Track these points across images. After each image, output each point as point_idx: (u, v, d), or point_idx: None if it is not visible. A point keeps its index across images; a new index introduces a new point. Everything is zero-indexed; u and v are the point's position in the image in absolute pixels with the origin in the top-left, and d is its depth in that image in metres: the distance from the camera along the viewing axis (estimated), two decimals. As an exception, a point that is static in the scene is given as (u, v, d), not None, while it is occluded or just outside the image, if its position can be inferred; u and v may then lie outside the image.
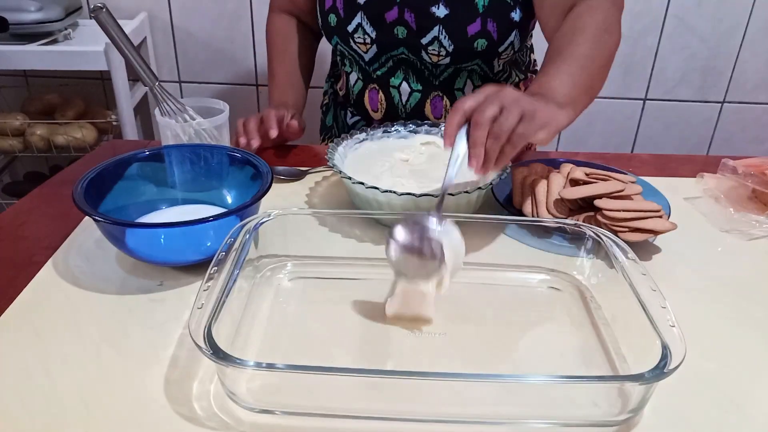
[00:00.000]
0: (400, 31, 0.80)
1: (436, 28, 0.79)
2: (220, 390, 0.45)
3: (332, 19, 0.83)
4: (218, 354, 0.40)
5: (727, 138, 1.64)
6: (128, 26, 1.38)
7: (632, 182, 0.67)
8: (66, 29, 1.35)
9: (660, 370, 0.40)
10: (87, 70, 1.33)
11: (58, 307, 0.54)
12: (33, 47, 1.28)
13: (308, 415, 0.43)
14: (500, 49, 0.81)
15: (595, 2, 0.70)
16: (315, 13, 0.89)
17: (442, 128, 0.77)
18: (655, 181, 0.73)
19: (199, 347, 0.41)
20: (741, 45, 1.53)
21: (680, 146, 1.65)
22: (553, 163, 0.74)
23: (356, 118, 0.95)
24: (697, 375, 0.47)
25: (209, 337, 0.41)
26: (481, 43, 0.79)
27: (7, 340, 0.50)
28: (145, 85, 0.72)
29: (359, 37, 0.83)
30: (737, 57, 1.54)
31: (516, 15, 0.79)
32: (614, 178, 0.66)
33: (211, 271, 0.48)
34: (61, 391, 0.45)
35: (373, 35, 0.82)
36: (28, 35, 1.30)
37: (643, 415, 0.44)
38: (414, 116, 0.86)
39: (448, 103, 0.86)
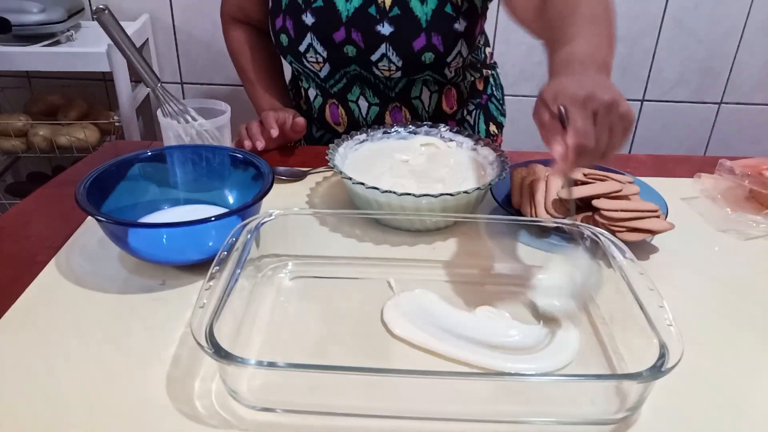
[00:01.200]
0: (350, 50, 0.82)
1: (383, 46, 0.80)
2: (221, 388, 0.45)
3: (284, 39, 0.84)
4: (220, 353, 0.40)
5: (724, 139, 1.65)
6: (130, 28, 1.39)
7: (630, 182, 0.67)
8: (68, 31, 1.36)
9: (657, 369, 0.40)
10: (89, 71, 1.33)
11: (60, 307, 0.54)
12: (36, 48, 1.29)
13: (309, 413, 0.44)
14: (448, 59, 0.82)
15: None
16: (266, 20, 0.89)
17: (442, 129, 0.78)
18: (653, 182, 0.73)
19: (201, 346, 0.41)
20: (738, 46, 1.53)
21: (677, 147, 1.65)
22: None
23: (321, 131, 0.96)
24: (694, 374, 0.48)
25: (211, 336, 0.42)
26: (428, 57, 0.80)
27: (10, 339, 0.50)
28: (147, 87, 0.72)
29: (311, 57, 0.84)
30: (734, 58, 1.54)
31: (459, 25, 0.80)
32: (612, 179, 0.66)
33: (213, 271, 0.48)
34: (64, 389, 0.45)
35: (324, 54, 0.83)
36: (30, 36, 1.31)
37: (641, 414, 0.44)
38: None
39: (407, 113, 0.88)
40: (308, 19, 0.81)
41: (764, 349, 0.52)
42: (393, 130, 0.78)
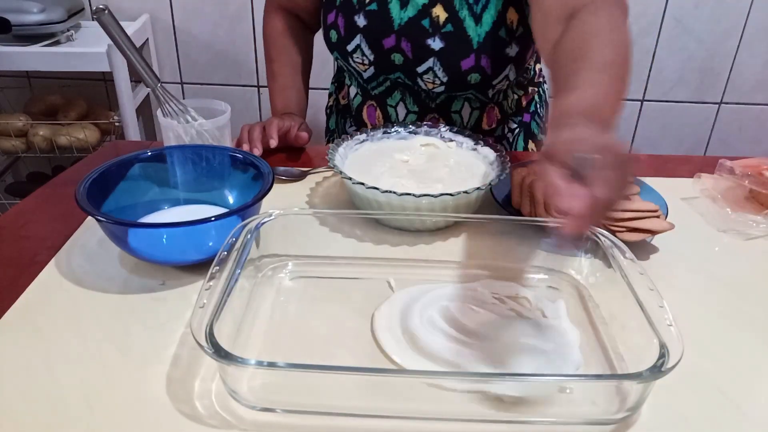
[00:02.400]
0: (397, 58, 0.81)
1: (431, 60, 0.79)
2: (221, 388, 0.45)
3: (333, 35, 0.84)
4: (220, 353, 0.40)
5: (724, 139, 1.65)
6: (130, 28, 1.39)
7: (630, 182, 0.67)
8: (68, 30, 1.36)
9: (657, 369, 0.40)
10: (89, 71, 1.33)
11: (60, 307, 0.54)
12: (36, 48, 1.29)
13: (309, 413, 0.44)
14: (494, 82, 0.81)
15: (595, 6, 0.64)
16: (315, 14, 0.89)
17: (442, 129, 0.78)
18: (653, 182, 0.73)
19: (201, 346, 0.41)
20: (738, 46, 1.53)
21: (678, 147, 1.65)
22: (552, 164, 0.74)
23: (354, 127, 0.96)
24: (694, 374, 0.48)
25: (211, 336, 0.41)
26: (474, 77, 0.79)
27: (10, 339, 0.50)
28: (147, 87, 0.72)
29: (358, 58, 0.83)
30: (734, 58, 1.55)
31: (511, 50, 0.79)
32: (613, 179, 0.66)
33: (213, 271, 0.48)
34: (64, 390, 0.45)
35: (371, 58, 0.82)
36: (30, 36, 1.31)
37: (641, 414, 0.44)
38: None
39: (443, 123, 0.87)
40: (360, 20, 0.80)
41: (765, 349, 0.52)
42: (393, 130, 0.78)
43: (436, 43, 0.78)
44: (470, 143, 0.76)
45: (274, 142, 0.81)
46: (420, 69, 0.80)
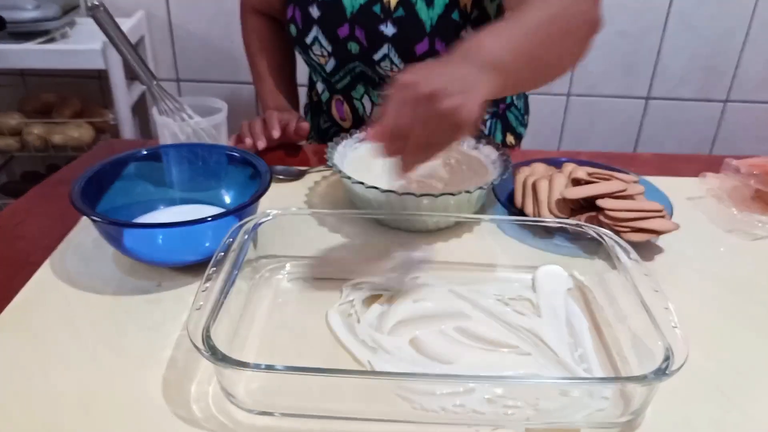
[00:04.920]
0: (353, 47, 0.81)
1: (386, 46, 0.79)
2: (218, 391, 0.44)
3: (293, 29, 0.84)
4: (217, 355, 0.40)
5: (729, 137, 1.64)
6: (126, 24, 1.38)
7: (634, 182, 0.66)
8: (63, 27, 1.35)
9: (662, 372, 0.40)
10: (84, 68, 1.32)
11: (55, 308, 0.53)
12: (30, 46, 1.28)
13: (307, 416, 0.43)
14: None
15: None
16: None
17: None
18: (658, 181, 0.73)
19: (198, 348, 0.40)
20: (743, 44, 1.53)
21: (682, 146, 1.65)
22: (555, 163, 0.74)
23: (328, 123, 0.96)
24: (699, 376, 0.47)
25: (207, 339, 0.41)
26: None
27: (4, 340, 0.49)
28: (143, 84, 0.72)
29: (317, 50, 0.83)
30: (740, 56, 1.54)
31: (467, 34, 0.78)
32: (616, 178, 0.66)
33: (210, 272, 0.48)
34: (59, 392, 0.45)
35: (329, 49, 0.82)
36: (25, 34, 1.30)
37: (645, 417, 0.43)
38: None
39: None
40: (314, 11, 0.81)
41: (771, 352, 0.51)
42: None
43: (388, 29, 0.77)
44: (471, 142, 0.75)
45: (276, 133, 0.81)
46: (376, 57, 0.80)
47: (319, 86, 0.92)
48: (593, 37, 0.60)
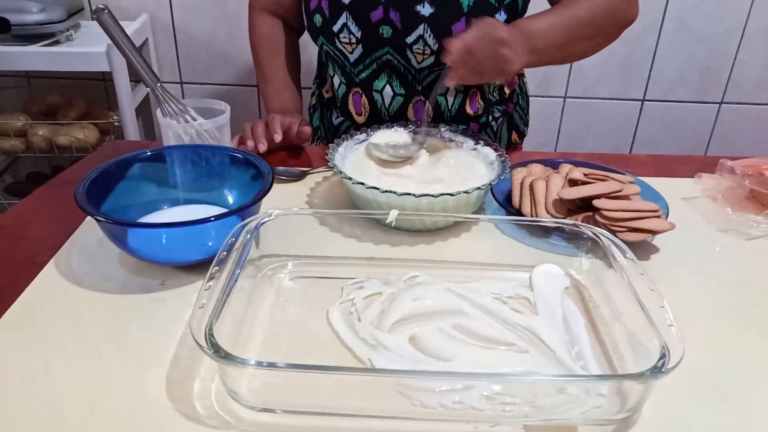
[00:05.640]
0: (386, 31, 0.81)
1: (421, 27, 0.79)
2: (221, 389, 0.45)
3: (317, 19, 0.84)
4: (219, 353, 0.40)
5: (725, 138, 1.65)
6: (130, 27, 1.39)
7: (630, 182, 0.67)
8: (68, 30, 1.35)
9: (658, 369, 0.40)
10: (89, 71, 1.33)
11: (60, 307, 0.54)
12: (35, 48, 1.28)
13: (309, 413, 0.44)
14: None
15: None
16: (299, 13, 0.89)
17: (442, 129, 0.78)
18: (654, 182, 0.73)
19: (201, 346, 0.41)
20: (739, 46, 1.53)
21: (678, 147, 1.65)
22: (552, 164, 0.75)
23: (341, 118, 0.96)
24: (695, 374, 0.48)
25: (210, 337, 0.41)
26: None
27: (10, 339, 0.50)
28: (147, 86, 0.72)
29: (344, 37, 0.83)
30: (735, 58, 1.54)
31: (500, 16, 0.79)
32: (613, 179, 0.66)
33: (213, 271, 0.48)
34: (63, 390, 0.45)
35: (359, 35, 0.82)
36: (30, 36, 1.30)
37: (642, 414, 0.44)
38: (397, 119, 0.87)
39: (429, 108, 0.87)
40: None
41: (765, 350, 0.52)
42: (393, 130, 0.78)
43: (425, 9, 0.78)
44: (470, 143, 0.76)
45: (278, 137, 0.81)
46: (410, 39, 0.80)
47: (336, 80, 0.91)
48: (623, 31, 0.80)
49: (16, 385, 0.46)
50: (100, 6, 0.68)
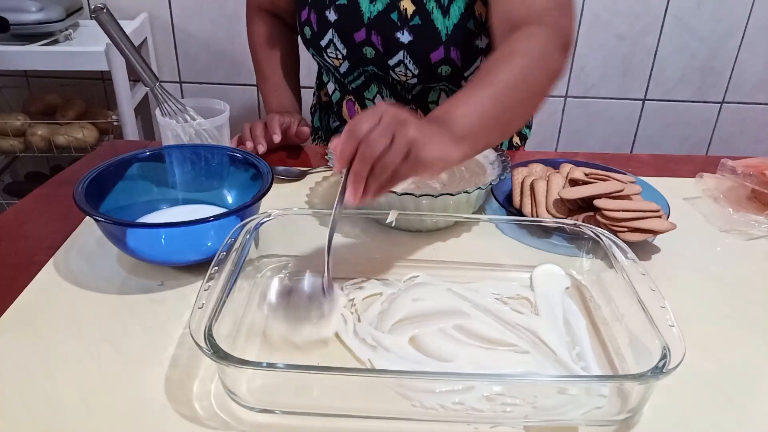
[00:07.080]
0: (369, 52, 0.81)
1: (401, 53, 0.79)
2: (220, 390, 0.45)
3: (307, 31, 0.84)
4: (219, 354, 0.40)
5: (726, 138, 1.65)
6: (129, 27, 1.38)
7: (631, 182, 0.67)
8: (67, 30, 1.35)
9: (659, 370, 0.40)
10: (88, 70, 1.32)
11: (58, 307, 0.54)
12: (34, 48, 1.28)
13: (309, 414, 0.43)
14: (466, 74, 0.82)
15: (536, 29, 0.63)
16: (294, 13, 0.90)
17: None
18: (655, 181, 0.73)
19: (200, 347, 0.41)
20: (740, 45, 1.53)
21: (679, 146, 1.65)
22: (553, 164, 0.75)
23: (337, 123, 0.96)
24: (696, 375, 0.47)
25: (210, 337, 0.41)
26: (445, 69, 0.80)
27: (8, 340, 0.50)
28: (146, 86, 0.72)
29: (332, 53, 0.84)
30: (736, 57, 1.54)
31: (481, 42, 0.79)
32: (613, 178, 0.66)
33: (212, 271, 0.48)
34: (62, 391, 0.45)
35: (344, 52, 0.83)
36: (29, 35, 1.30)
37: (643, 415, 0.44)
38: None
39: (422, 116, 0.86)
40: (331, 15, 0.81)
41: (767, 350, 0.52)
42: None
43: (405, 37, 0.78)
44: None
45: (277, 137, 0.81)
46: (391, 62, 0.81)
47: (330, 86, 0.92)
48: (556, 85, 0.63)
49: (14, 385, 0.45)
50: (99, 5, 0.68)
